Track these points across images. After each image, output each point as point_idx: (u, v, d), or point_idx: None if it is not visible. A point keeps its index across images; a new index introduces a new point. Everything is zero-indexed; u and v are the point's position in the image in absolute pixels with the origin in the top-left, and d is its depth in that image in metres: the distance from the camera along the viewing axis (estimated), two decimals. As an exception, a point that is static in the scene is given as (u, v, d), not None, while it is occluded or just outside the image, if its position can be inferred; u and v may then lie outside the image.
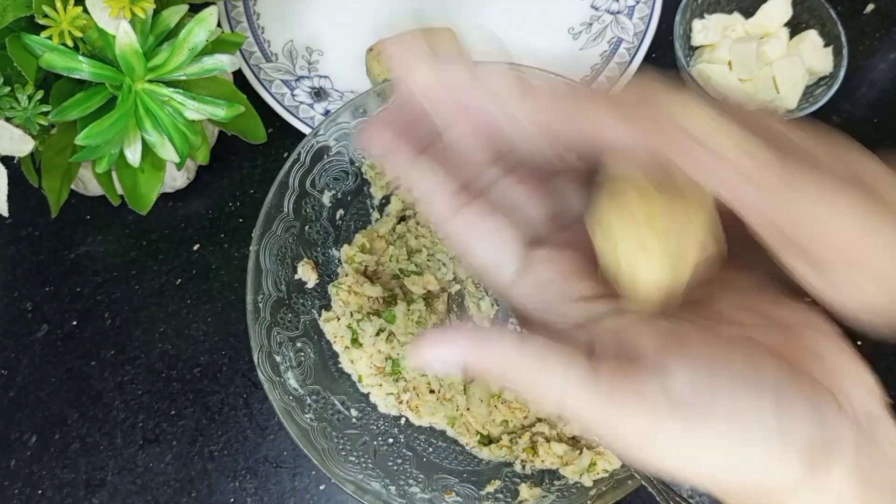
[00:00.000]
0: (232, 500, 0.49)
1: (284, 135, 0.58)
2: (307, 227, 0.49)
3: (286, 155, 0.57)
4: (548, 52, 0.60)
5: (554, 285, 0.22)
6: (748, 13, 0.58)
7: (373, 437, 0.47)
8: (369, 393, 0.48)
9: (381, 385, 0.48)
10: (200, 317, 0.54)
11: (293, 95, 0.58)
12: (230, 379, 0.52)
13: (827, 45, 0.56)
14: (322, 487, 0.50)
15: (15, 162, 0.45)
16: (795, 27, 0.57)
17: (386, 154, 0.24)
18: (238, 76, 0.56)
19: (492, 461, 0.47)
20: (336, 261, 0.51)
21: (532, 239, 0.23)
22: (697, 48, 0.58)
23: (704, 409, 0.19)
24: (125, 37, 0.42)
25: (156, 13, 0.43)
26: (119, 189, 0.50)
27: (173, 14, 0.44)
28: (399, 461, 0.46)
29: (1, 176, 0.42)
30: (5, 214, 0.42)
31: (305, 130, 0.56)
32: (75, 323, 0.54)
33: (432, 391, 0.48)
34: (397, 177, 0.24)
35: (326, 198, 0.50)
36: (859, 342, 0.21)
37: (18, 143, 0.42)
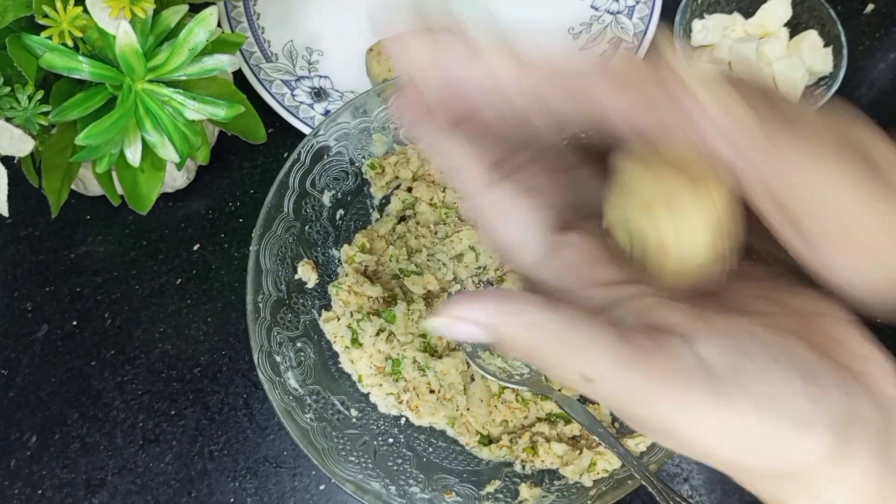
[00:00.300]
0: (232, 500, 0.49)
1: (284, 135, 0.58)
2: (307, 227, 0.49)
3: (286, 155, 0.57)
4: (548, 53, 0.60)
5: (578, 270, 0.22)
6: (748, 13, 0.58)
7: (373, 437, 0.47)
8: (369, 393, 0.48)
9: (381, 385, 0.48)
10: (200, 317, 0.54)
11: (293, 95, 0.58)
12: (230, 379, 0.52)
13: (827, 45, 0.56)
14: (322, 487, 0.50)
15: (15, 162, 0.45)
16: (795, 27, 0.57)
17: (420, 122, 0.23)
18: (238, 76, 0.56)
19: (492, 461, 0.47)
20: (336, 261, 0.51)
21: (557, 224, 0.23)
22: (697, 48, 0.58)
23: (737, 381, 0.18)
24: (125, 37, 0.42)
25: (156, 13, 0.43)
26: (119, 189, 0.50)
27: (173, 14, 0.44)
28: (399, 461, 0.46)
29: (1, 176, 0.42)
30: (5, 214, 0.42)
31: (305, 130, 0.56)
32: (75, 323, 0.54)
33: (432, 391, 0.48)
34: (430, 146, 0.23)
35: (326, 198, 0.50)
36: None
37: (18, 143, 0.42)
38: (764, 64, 0.56)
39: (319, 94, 0.58)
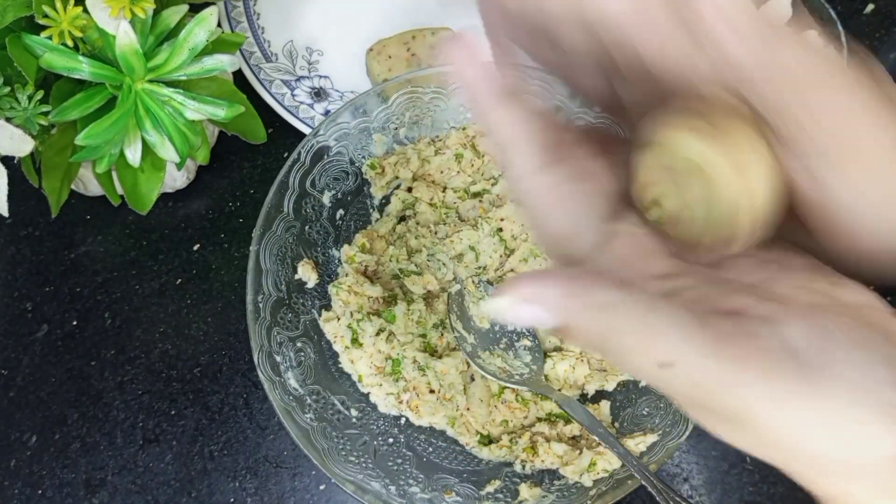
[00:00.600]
0: (232, 500, 0.49)
1: (284, 135, 0.58)
2: (307, 227, 0.49)
3: (286, 155, 0.57)
4: None
5: (631, 261, 0.20)
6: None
7: (373, 437, 0.47)
8: (369, 393, 0.48)
9: (381, 385, 0.48)
10: (200, 317, 0.54)
11: (293, 95, 0.58)
12: (230, 379, 0.52)
13: (827, 45, 0.56)
14: (322, 487, 0.50)
15: (15, 162, 0.46)
16: (795, 27, 0.57)
17: (477, 83, 0.21)
18: (238, 76, 0.56)
19: (492, 461, 0.47)
20: (336, 261, 0.51)
21: (608, 212, 0.21)
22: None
23: (825, 365, 0.17)
24: (125, 37, 0.42)
25: (156, 13, 0.43)
26: (119, 189, 0.50)
27: (173, 14, 0.44)
28: (399, 461, 0.46)
29: (1, 176, 0.42)
30: (5, 214, 0.42)
31: (305, 130, 0.56)
32: (75, 323, 0.54)
33: (432, 391, 0.48)
34: (484, 114, 0.21)
35: (326, 198, 0.50)
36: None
37: (18, 143, 0.42)
38: (764, 64, 0.56)
39: (319, 94, 0.58)
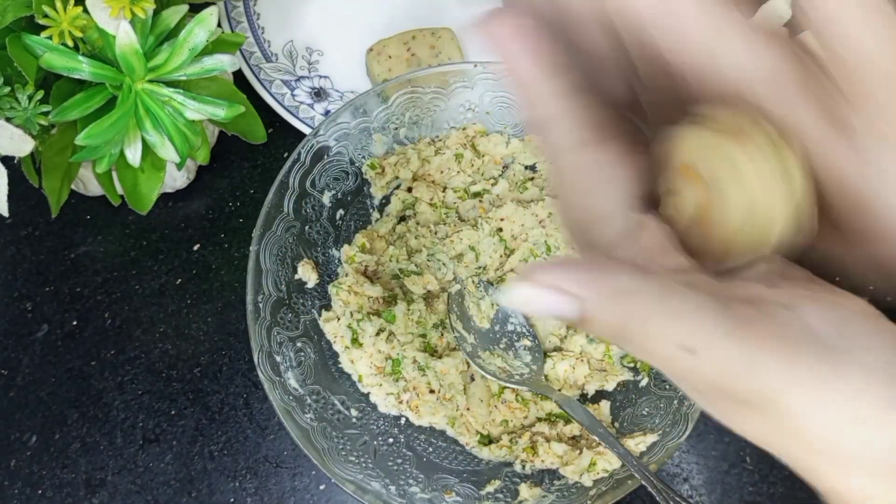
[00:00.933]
0: (232, 500, 0.49)
1: (284, 135, 0.58)
2: (307, 227, 0.49)
3: (286, 155, 0.57)
4: None
5: (654, 255, 0.20)
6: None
7: (373, 437, 0.47)
8: (369, 393, 0.48)
9: (381, 385, 0.48)
10: (200, 317, 0.54)
11: (293, 95, 0.58)
12: (230, 379, 0.52)
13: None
14: (322, 487, 0.50)
15: (15, 162, 0.45)
16: (795, 27, 0.57)
17: (521, 56, 0.20)
18: (238, 76, 0.56)
19: (492, 461, 0.47)
20: (336, 261, 0.51)
21: (637, 204, 0.21)
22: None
23: (847, 350, 0.17)
24: (125, 37, 0.42)
25: (156, 13, 0.43)
26: (119, 189, 0.50)
27: (173, 14, 0.44)
28: (399, 461, 0.46)
29: (1, 176, 0.42)
30: (5, 214, 0.42)
31: (305, 130, 0.56)
32: (75, 323, 0.54)
33: (432, 391, 0.48)
34: (526, 88, 0.20)
35: (326, 198, 0.50)
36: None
37: (18, 143, 0.42)
38: (764, 64, 0.56)
39: (319, 94, 0.58)
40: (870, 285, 0.19)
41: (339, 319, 0.49)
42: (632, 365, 0.49)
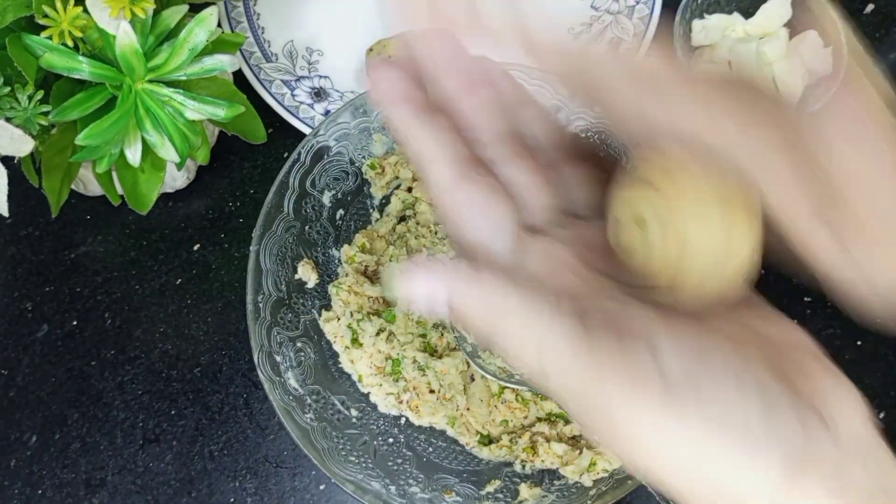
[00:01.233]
0: (232, 500, 0.49)
1: (284, 135, 0.58)
2: (307, 227, 0.49)
3: (286, 155, 0.57)
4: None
5: (546, 275, 0.21)
6: (748, 13, 0.58)
7: (373, 437, 0.47)
8: (369, 393, 0.48)
9: (381, 385, 0.48)
10: (200, 317, 0.54)
11: (293, 95, 0.58)
12: (230, 379, 0.52)
13: (827, 46, 0.56)
14: (322, 487, 0.50)
15: (15, 162, 0.45)
16: (795, 27, 0.57)
17: (392, 100, 0.22)
18: (238, 76, 0.56)
19: (492, 461, 0.47)
20: (336, 261, 0.51)
21: (529, 226, 0.22)
22: (697, 48, 0.58)
23: (693, 394, 0.18)
24: (125, 37, 0.42)
25: (156, 13, 0.43)
26: (119, 189, 0.50)
27: (173, 14, 0.44)
28: (399, 461, 0.46)
29: (1, 176, 0.42)
30: (5, 214, 0.42)
31: (305, 130, 0.56)
32: (75, 323, 0.54)
33: (432, 391, 0.48)
34: (403, 130, 0.22)
35: (326, 198, 0.50)
36: (859, 342, 0.20)
37: (18, 143, 0.42)
38: (764, 64, 0.56)
39: (319, 94, 0.58)
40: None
41: (339, 319, 0.49)
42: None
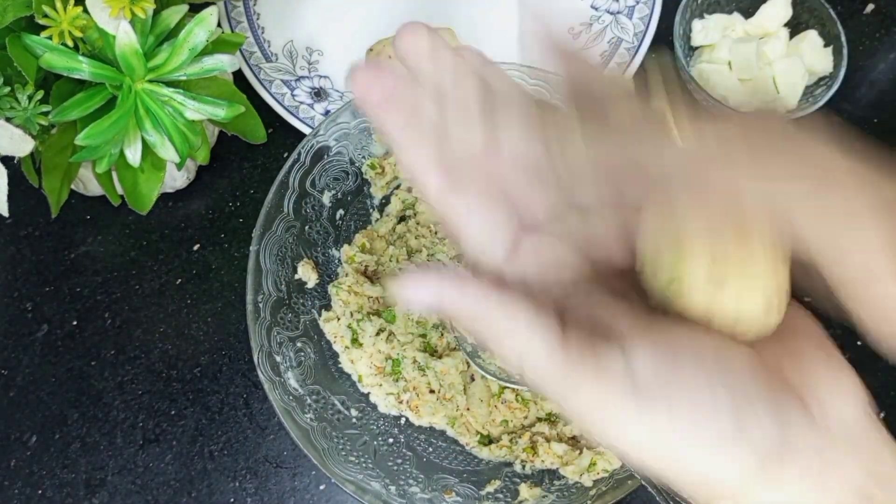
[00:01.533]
0: (232, 500, 0.49)
1: (284, 135, 0.58)
2: (307, 227, 0.49)
3: (286, 155, 0.57)
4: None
5: (538, 273, 0.22)
6: (748, 13, 0.58)
7: (373, 437, 0.47)
8: (369, 393, 0.48)
9: (381, 385, 0.48)
10: (200, 317, 0.54)
11: (293, 95, 0.58)
12: (230, 379, 0.52)
13: (827, 45, 0.56)
14: (322, 487, 0.50)
15: (15, 162, 0.45)
16: (795, 27, 0.57)
17: (376, 104, 0.22)
18: (238, 76, 0.56)
19: (492, 461, 0.47)
20: (336, 261, 0.51)
21: (528, 223, 0.23)
22: (697, 48, 0.58)
23: (662, 394, 0.19)
24: (125, 37, 0.42)
25: (156, 13, 0.43)
26: (119, 189, 0.50)
27: (173, 14, 0.44)
28: (399, 461, 0.46)
29: (1, 176, 0.42)
30: (5, 214, 0.42)
31: (305, 130, 0.56)
32: (75, 323, 0.54)
33: (432, 391, 0.48)
34: (386, 136, 0.22)
35: (326, 198, 0.50)
36: (859, 342, 0.20)
37: (18, 143, 0.42)
38: (764, 64, 0.56)
39: (319, 94, 0.58)
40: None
41: (339, 319, 0.49)
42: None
